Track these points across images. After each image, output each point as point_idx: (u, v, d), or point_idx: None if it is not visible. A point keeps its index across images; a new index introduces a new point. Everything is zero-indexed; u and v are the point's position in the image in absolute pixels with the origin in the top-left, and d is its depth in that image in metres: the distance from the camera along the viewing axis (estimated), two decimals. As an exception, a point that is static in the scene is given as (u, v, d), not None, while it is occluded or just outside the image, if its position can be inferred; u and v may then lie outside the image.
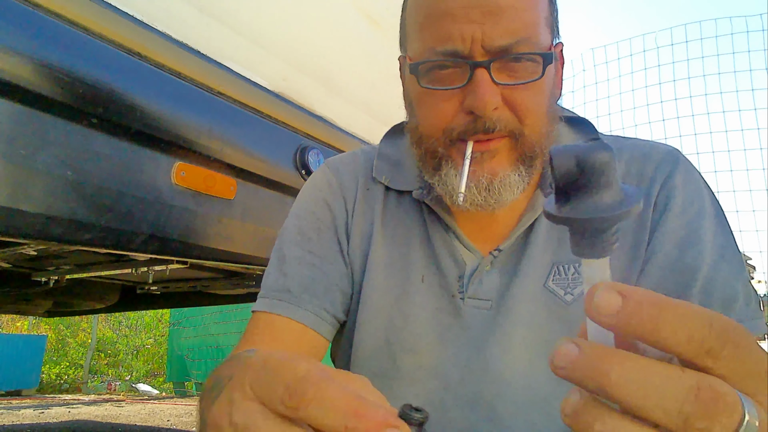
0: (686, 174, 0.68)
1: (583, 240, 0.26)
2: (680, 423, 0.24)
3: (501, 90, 0.60)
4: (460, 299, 0.69)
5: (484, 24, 0.58)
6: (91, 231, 0.95)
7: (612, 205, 0.25)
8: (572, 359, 0.26)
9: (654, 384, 0.24)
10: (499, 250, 0.70)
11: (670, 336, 0.24)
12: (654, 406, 0.24)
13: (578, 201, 0.25)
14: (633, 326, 0.24)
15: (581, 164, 0.25)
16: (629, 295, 0.25)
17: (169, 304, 3.07)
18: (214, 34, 1.20)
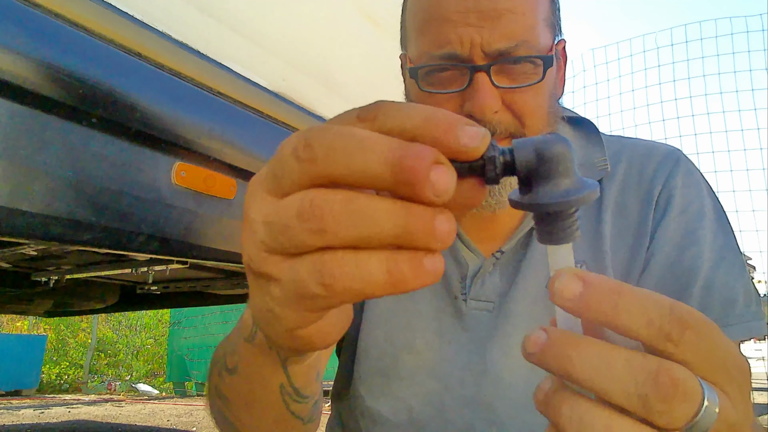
0: (687, 174, 0.68)
1: (546, 227, 0.28)
2: (640, 406, 0.24)
3: (501, 93, 0.60)
4: (462, 300, 0.69)
5: (483, 28, 0.58)
6: (91, 231, 0.95)
7: (568, 191, 0.26)
8: (541, 345, 0.26)
9: (615, 367, 0.25)
10: (501, 252, 0.70)
11: (630, 320, 0.25)
12: (615, 389, 0.25)
13: (538, 189, 0.27)
14: (594, 310, 0.25)
15: (540, 154, 0.26)
16: (590, 280, 0.26)
17: (169, 304, 3.08)
18: (214, 34, 1.20)
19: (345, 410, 0.76)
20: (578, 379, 0.25)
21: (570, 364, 0.25)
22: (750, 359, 4.79)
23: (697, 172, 0.70)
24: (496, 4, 0.59)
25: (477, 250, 0.71)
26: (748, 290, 0.63)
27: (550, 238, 0.28)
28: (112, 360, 10.47)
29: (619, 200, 0.69)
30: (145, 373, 10.22)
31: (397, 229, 0.23)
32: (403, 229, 0.23)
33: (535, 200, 0.27)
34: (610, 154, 0.71)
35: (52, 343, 9.77)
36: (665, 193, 0.67)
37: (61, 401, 6.81)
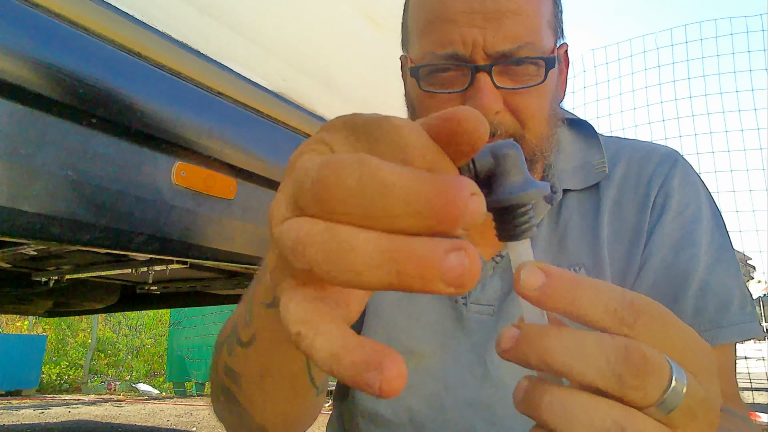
0: (684, 176, 0.68)
1: (503, 224, 0.30)
2: (616, 383, 0.25)
3: (503, 94, 0.60)
4: (463, 305, 0.69)
5: (486, 29, 0.58)
6: (91, 231, 0.95)
7: (519, 189, 0.29)
8: (515, 339, 0.27)
9: (587, 349, 0.26)
10: (501, 256, 0.70)
11: (588, 308, 0.26)
12: (590, 370, 0.25)
13: (495, 188, 0.29)
14: (555, 299, 0.27)
15: (494, 156, 0.29)
16: (551, 272, 0.27)
17: (169, 304, 3.08)
18: (214, 34, 1.20)
19: (346, 411, 0.76)
20: (554, 365, 0.26)
21: (545, 353, 0.26)
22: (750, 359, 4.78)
23: (694, 174, 0.70)
24: (499, 5, 0.58)
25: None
26: (742, 292, 0.63)
27: (507, 235, 0.30)
28: (112, 360, 10.47)
29: (617, 202, 0.69)
30: (145, 373, 10.22)
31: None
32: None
33: (491, 198, 0.29)
34: (609, 156, 0.71)
35: (52, 343, 9.77)
36: (662, 194, 0.67)
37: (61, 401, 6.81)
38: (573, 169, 0.70)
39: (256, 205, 1.30)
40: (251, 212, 1.28)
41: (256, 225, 1.29)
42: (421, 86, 0.63)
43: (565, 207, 0.70)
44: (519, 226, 0.30)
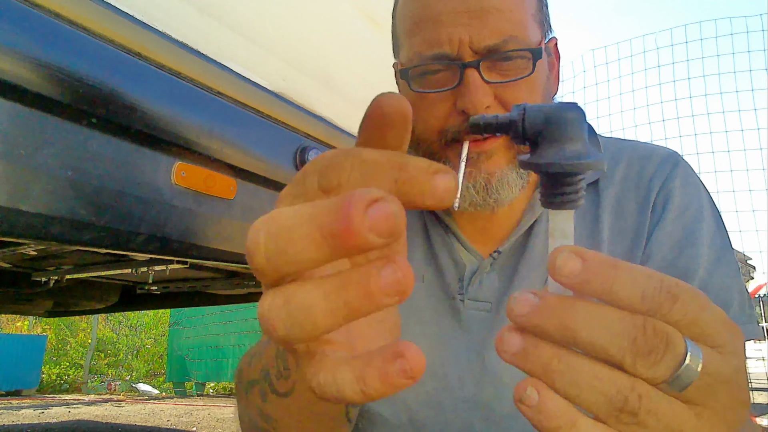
0: (685, 177, 0.69)
1: (551, 190, 0.29)
2: (629, 357, 0.26)
3: (493, 89, 0.61)
4: (460, 301, 0.69)
5: (471, 26, 0.59)
6: (91, 231, 0.95)
7: (577, 156, 0.28)
8: (533, 306, 0.27)
9: (609, 322, 0.26)
10: (498, 252, 0.70)
11: (625, 293, 0.26)
12: (606, 341, 0.26)
13: (545, 150, 0.28)
14: (593, 285, 0.27)
15: (548, 117, 0.28)
16: (588, 257, 0.27)
17: (169, 304, 3.08)
18: (214, 34, 1.20)
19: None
20: (574, 335, 0.26)
21: (564, 320, 0.26)
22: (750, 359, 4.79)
23: (694, 175, 0.70)
24: (482, 3, 0.59)
25: (474, 250, 0.71)
26: (742, 293, 0.63)
27: (553, 202, 0.29)
28: (112, 360, 10.47)
29: (617, 202, 0.69)
30: (145, 373, 10.22)
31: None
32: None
33: (543, 160, 0.28)
34: (609, 156, 0.71)
35: (52, 343, 9.77)
36: (663, 195, 0.67)
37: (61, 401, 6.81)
38: None
39: (256, 205, 1.30)
40: (251, 212, 1.28)
41: (256, 225, 1.29)
42: (412, 87, 0.63)
43: None
44: (564, 194, 0.29)
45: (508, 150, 0.63)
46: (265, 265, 0.23)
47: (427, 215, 0.73)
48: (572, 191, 0.28)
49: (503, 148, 0.63)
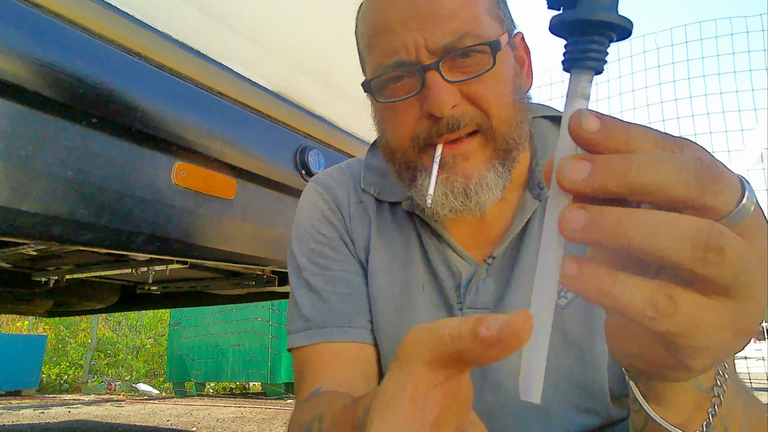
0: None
1: (574, 47, 0.29)
2: (698, 189, 0.26)
3: (458, 87, 0.60)
4: (459, 310, 0.69)
5: (424, 29, 0.59)
6: (91, 231, 0.95)
7: (607, 8, 0.28)
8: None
9: (667, 164, 0.26)
10: (493, 258, 0.69)
11: (640, 145, 0.27)
12: (676, 179, 0.26)
13: (580, 7, 0.28)
14: (611, 140, 0.27)
15: None
16: (604, 117, 0.27)
17: (169, 304, 3.07)
18: (214, 34, 1.20)
19: None
20: (638, 183, 0.26)
21: (630, 171, 0.26)
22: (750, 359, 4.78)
23: None
24: (431, 5, 0.59)
25: (469, 257, 0.70)
26: None
27: (579, 61, 0.29)
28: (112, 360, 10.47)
29: None
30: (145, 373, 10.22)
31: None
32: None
33: (573, 13, 0.28)
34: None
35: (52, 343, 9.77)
36: None
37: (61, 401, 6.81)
38: None
39: (256, 205, 1.30)
40: (251, 212, 1.28)
41: (256, 225, 1.29)
42: (377, 99, 0.63)
43: None
44: (590, 52, 0.29)
45: (484, 148, 0.62)
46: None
47: (419, 224, 0.73)
48: (598, 49, 0.29)
49: (479, 147, 0.62)
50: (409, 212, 0.73)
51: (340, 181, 0.79)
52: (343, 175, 0.79)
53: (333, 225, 0.75)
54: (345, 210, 0.76)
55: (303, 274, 0.73)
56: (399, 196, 0.74)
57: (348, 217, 0.76)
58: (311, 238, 0.75)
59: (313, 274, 0.73)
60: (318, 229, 0.75)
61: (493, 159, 0.62)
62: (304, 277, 0.73)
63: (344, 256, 0.74)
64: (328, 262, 0.73)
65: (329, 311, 0.70)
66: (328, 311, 0.70)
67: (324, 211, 0.76)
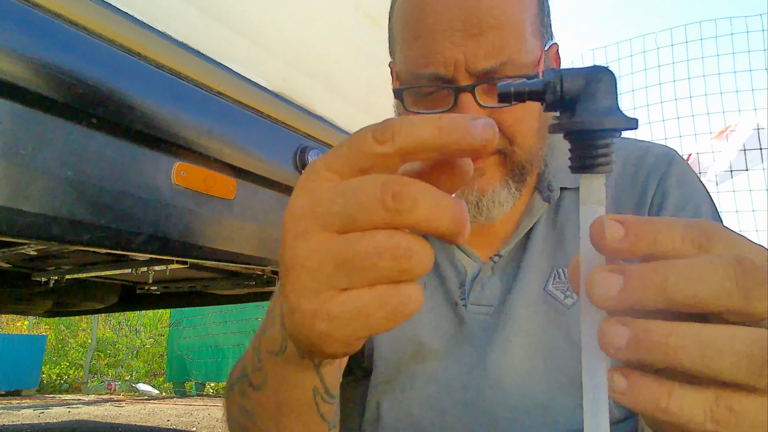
0: (681, 174, 0.69)
1: (581, 151, 0.29)
2: (743, 298, 0.24)
3: (488, 112, 0.60)
4: (463, 306, 0.69)
5: (467, 47, 0.58)
6: (91, 231, 0.95)
7: (615, 113, 0.28)
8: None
9: (707, 273, 0.25)
10: (499, 256, 0.69)
11: (667, 244, 0.26)
12: (717, 292, 0.24)
13: (584, 111, 0.28)
14: (639, 246, 0.26)
15: (588, 80, 0.28)
16: (627, 221, 0.27)
17: (169, 304, 3.08)
18: (214, 34, 1.20)
19: (346, 413, 0.76)
20: (678, 298, 0.25)
21: (665, 287, 0.25)
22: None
23: (691, 172, 0.70)
24: (480, 21, 0.58)
25: (475, 255, 0.71)
26: None
27: (586, 166, 0.29)
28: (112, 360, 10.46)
29: (614, 200, 0.69)
30: (145, 373, 10.22)
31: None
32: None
33: (583, 120, 0.28)
34: None
35: (52, 343, 9.77)
36: (659, 193, 0.67)
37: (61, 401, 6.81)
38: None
39: (256, 205, 1.30)
40: (251, 212, 1.28)
41: (256, 225, 1.29)
42: (406, 107, 0.63)
43: (562, 205, 0.70)
44: (598, 156, 0.28)
45: (500, 167, 0.63)
46: (407, 208, 0.27)
47: None
48: (607, 152, 0.28)
49: (496, 165, 0.62)
50: None
51: None
52: None
53: None
54: None
55: None
56: None
57: None
58: None
59: None
60: None
61: (507, 177, 0.63)
62: None
63: None
64: None
65: None
66: None
67: None
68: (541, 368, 0.65)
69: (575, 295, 0.66)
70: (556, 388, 0.65)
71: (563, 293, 0.67)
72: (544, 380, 0.65)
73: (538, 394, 0.65)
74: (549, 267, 0.68)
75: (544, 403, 0.65)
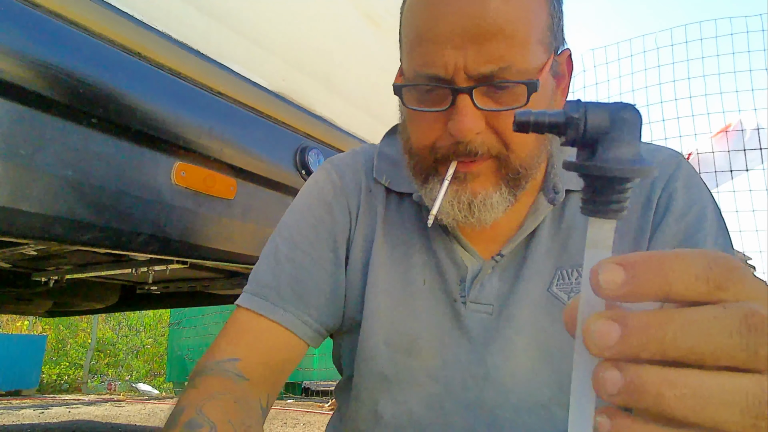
0: (687, 178, 0.69)
1: (596, 196, 0.27)
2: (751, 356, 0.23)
3: (485, 115, 0.60)
4: (462, 303, 0.69)
5: (468, 50, 0.58)
6: (91, 231, 0.95)
7: (637, 160, 0.26)
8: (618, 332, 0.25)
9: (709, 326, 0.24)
10: (501, 255, 0.69)
11: (681, 285, 0.25)
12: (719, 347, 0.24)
13: (601, 153, 0.26)
14: (645, 289, 0.25)
15: (613, 119, 0.26)
16: (630, 263, 0.25)
17: (169, 304, 3.07)
18: (214, 34, 1.20)
19: (347, 412, 0.76)
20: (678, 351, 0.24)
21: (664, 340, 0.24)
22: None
23: (697, 176, 0.70)
24: (484, 24, 0.57)
25: (476, 253, 0.71)
26: None
27: (596, 210, 0.27)
28: (112, 360, 10.47)
29: None
30: (145, 373, 10.22)
31: None
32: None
33: (594, 163, 0.26)
34: None
35: (52, 343, 9.77)
36: (665, 196, 0.67)
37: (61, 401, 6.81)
38: None
39: (256, 205, 1.30)
40: (251, 212, 1.28)
41: (256, 225, 1.29)
42: (406, 104, 0.63)
43: (567, 208, 0.70)
44: (613, 203, 0.27)
45: (495, 172, 0.62)
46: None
47: (426, 216, 0.73)
48: (623, 198, 0.27)
49: (491, 170, 0.62)
50: (418, 203, 0.74)
51: (353, 169, 0.78)
52: (356, 163, 0.79)
53: (332, 214, 0.75)
54: (354, 201, 0.76)
55: (278, 243, 0.74)
56: (409, 188, 0.74)
57: (356, 208, 0.76)
58: (301, 215, 0.75)
59: (284, 243, 0.73)
60: (314, 212, 0.75)
61: (501, 182, 0.63)
62: (275, 242, 0.74)
63: (322, 246, 0.73)
64: (302, 241, 0.73)
65: (274, 287, 0.70)
66: (274, 286, 0.70)
67: (329, 198, 0.76)
68: (544, 369, 0.65)
69: (575, 294, 0.66)
70: (558, 388, 0.65)
71: (567, 294, 0.67)
72: (547, 381, 0.65)
73: (540, 395, 0.65)
74: (553, 268, 0.68)
75: (546, 403, 0.65)
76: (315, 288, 0.71)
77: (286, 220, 0.76)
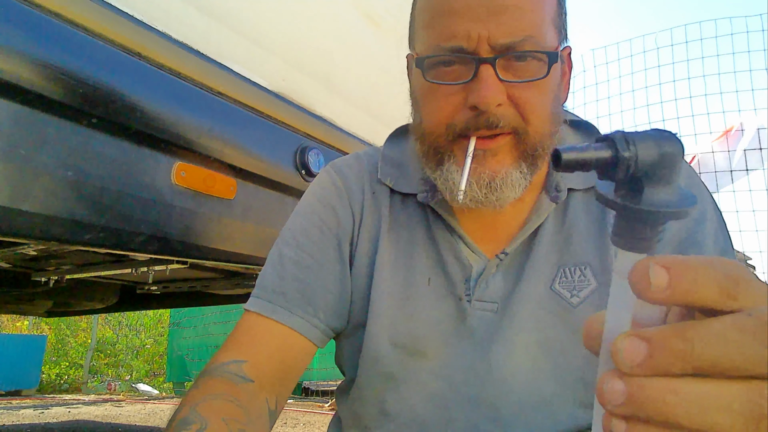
0: (688, 179, 0.69)
1: (632, 232, 0.26)
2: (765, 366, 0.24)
3: (506, 87, 0.60)
4: (467, 302, 0.69)
5: (489, 22, 0.59)
6: (91, 231, 0.95)
7: (673, 201, 0.25)
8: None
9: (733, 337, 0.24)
10: (505, 253, 0.69)
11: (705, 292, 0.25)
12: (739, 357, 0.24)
13: (649, 194, 0.25)
14: (680, 292, 0.25)
15: (663, 156, 0.25)
16: (672, 265, 0.25)
17: (169, 304, 3.08)
18: (214, 34, 1.20)
19: (349, 411, 0.76)
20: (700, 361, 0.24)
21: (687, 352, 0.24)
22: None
23: (697, 176, 0.70)
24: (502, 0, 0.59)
25: (480, 252, 0.71)
26: None
27: (632, 245, 0.26)
28: (112, 360, 10.47)
29: None
30: (145, 373, 10.22)
31: None
32: None
33: (647, 203, 0.25)
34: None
35: (52, 343, 9.77)
36: None
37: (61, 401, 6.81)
38: None
39: (256, 205, 1.30)
40: (251, 212, 1.28)
41: (256, 225, 1.29)
42: (426, 77, 0.63)
43: (570, 206, 0.70)
44: (649, 239, 0.26)
45: (513, 148, 0.63)
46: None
47: (431, 216, 0.73)
48: (659, 235, 0.26)
49: (509, 146, 0.62)
50: (421, 204, 0.73)
51: (357, 171, 0.79)
52: (360, 166, 0.79)
53: (337, 216, 0.75)
54: (357, 203, 0.76)
55: (283, 248, 0.74)
56: (412, 188, 0.74)
57: (360, 210, 0.76)
58: (305, 218, 0.75)
59: (289, 247, 0.73)
60: (319, 215, 0.75)
61: (520, 160, 0.63)
62: (279, 246, 0.74)
63: (327, 248, 0.73)
64: (308, 243, 0.73)
65: (280, 291, 0.70)
66: (280, 290, 0.70)
67: (333, 201, 0.76)
68: (546, 365, 0.66)
69: (581, 294, 0.66)
70: (560, 385, 0.65)
71: (570, 292, 0.67)
72: (549, 377, 0.65)
73: (543, 391, 0.65)
74: (555, 266, 0.68)
75: (548, 399, 0.65)
76: (322, 290, 0.71)
77: (290, 223, 0.76)
